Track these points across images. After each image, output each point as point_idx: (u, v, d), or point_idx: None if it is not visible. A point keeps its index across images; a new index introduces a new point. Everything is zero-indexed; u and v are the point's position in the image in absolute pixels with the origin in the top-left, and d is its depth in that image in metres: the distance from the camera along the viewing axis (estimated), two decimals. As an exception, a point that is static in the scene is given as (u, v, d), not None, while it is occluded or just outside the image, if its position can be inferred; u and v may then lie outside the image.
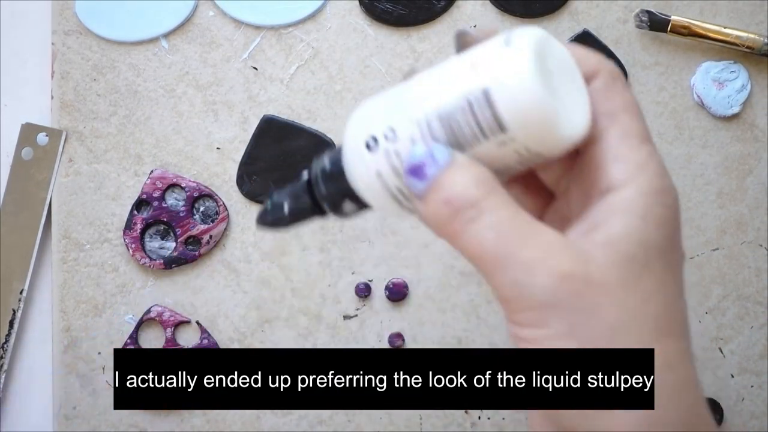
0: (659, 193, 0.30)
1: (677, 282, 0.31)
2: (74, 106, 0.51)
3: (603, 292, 0.30)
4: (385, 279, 0.50)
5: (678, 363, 0.31)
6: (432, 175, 0.31)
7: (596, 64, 0.33)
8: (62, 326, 0.50)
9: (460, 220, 0.30)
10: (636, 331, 0.30)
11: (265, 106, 0.51)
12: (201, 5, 0.51)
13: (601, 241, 0.30)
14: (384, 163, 0.32)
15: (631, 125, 0.31)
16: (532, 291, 0.29)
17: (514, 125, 0.30)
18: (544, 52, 0.30)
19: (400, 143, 0.32)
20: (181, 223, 0.50)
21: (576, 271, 0.29)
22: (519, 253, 0.30)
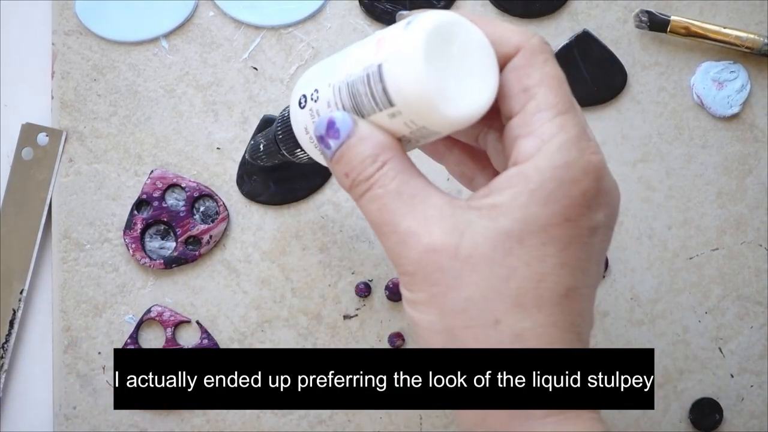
0: (558, 168, 0.31)
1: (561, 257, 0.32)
2: (74, 106, 0.51)
3: (467, 266, 0.31)
4: (385, 279, 0.50)
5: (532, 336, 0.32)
6: (334, 146, 0.34)
7: (518, 41, 0.33)
8: (62, 326, 0.50)
9: (356, 192, 0.34)
10: (491, 305, 0.32)
11: (265, 106, 0.51)
12: (201, 5, 0.51)
13: (485, 211, 0.32)
14: (309, 120, 0.36)
15: (546, 99, 0.32)
16: (404, 260, 0.32)
17: (399, 100, 0.32)
18: (446, 34, 0.32)
19: (320, 103, 0.35)
20: (181, 223, 0.50)
21: (445, 245, 0.32)
22: (398, 225, 0.32)
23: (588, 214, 0.32)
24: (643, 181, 0.51)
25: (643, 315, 0.51)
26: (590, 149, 0.32)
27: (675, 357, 0.51)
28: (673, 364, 0.51)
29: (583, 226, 0.32)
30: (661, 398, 0.51)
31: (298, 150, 0.39)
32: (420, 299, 0.33)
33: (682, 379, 0.51)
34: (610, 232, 0.34)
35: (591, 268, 0.33)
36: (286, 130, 0.39)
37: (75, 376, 0.50)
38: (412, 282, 0.33)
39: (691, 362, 0.51)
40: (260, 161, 0.45)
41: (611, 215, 0.34)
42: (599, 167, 0.32)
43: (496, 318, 0.32)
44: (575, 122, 0.32)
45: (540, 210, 0.31)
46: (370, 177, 0.33)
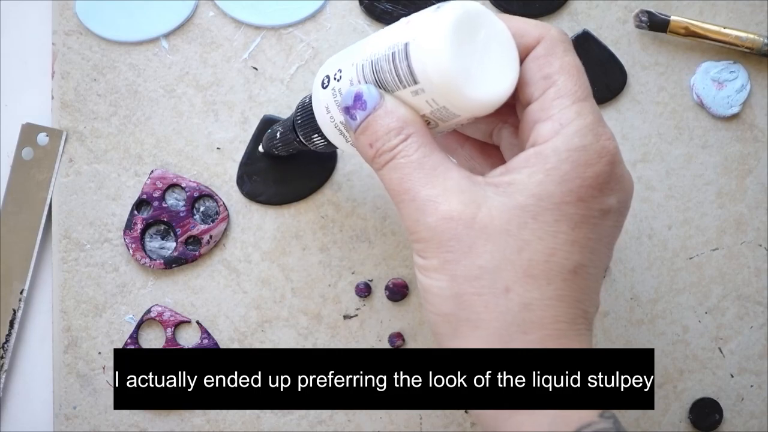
0: (574, 150, 0.33)
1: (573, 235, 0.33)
2: (74, 106, 0.51)
3: (482, 236, 0.33)
4: (385, 279, 0.50)
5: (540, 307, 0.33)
6: (360, 117, 0.35)
7: (539, 33, 0.36)
8: (62, 326, 0.50)
9: (379, 161, 0.35)
10: (503, 273, 0.33)
11: (265, 106, 0.51)
12: (201, 5, 0.51)
13: (502, 187, 0.34)
14: (331, 99, 0.38)
15: (566, 86, 0.35)
16: (420, 227, 0.34)
17: (423, 77, 0.34)
18: (473, 23, 0.34)
19: (342, 82, 0.37)
20: (181, 223, 0.50)
21: (462, 214, 0.33)
22: (417, 193, 0.34)
23: (600, 196, 0.34)
24: (643, 181, 0.51)
25: (643, 315, 0.51)
26: (605, 135, 0.34)
27: (675, 357, 0.51)
28: (673, 364, 0.51)
29: (594, 208, 0.34)
30: (661, 398, 0.51)
31: (315, 135, 0.41)
32: (432, 265, 0.34)
33: (682, 379, 0.51)
34: (622, 218, 0.36)
35: (600, 250, 0.35)
36: (306, 114, 0.41)
37: (75, 376, 0.50)
38: (426, 248, 0.34)
39: (691, 362, 0.51)
40: (275, 150, 0.46)
41: (623, 201, 0.35)
42: (613, 153, 0.34)
43: (507, 286, 0.33)
44: (592, 109, 0.34)
45: (555, 188, 0.33)
46: (393, 147, 0.35)
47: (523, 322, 0.33)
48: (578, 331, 0.34)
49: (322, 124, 0.39)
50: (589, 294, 0.35)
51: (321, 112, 0.39)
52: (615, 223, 0.35)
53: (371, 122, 0.35)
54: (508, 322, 0.33)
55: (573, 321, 0.34)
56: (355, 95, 0.35)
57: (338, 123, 0.38)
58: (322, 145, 0.42)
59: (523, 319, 0.33)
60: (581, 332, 0.34)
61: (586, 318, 0.35)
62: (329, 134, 0.39)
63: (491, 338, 0.33)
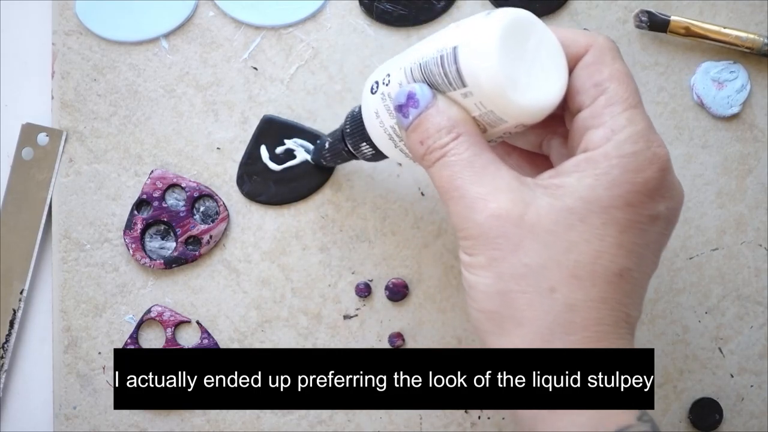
0: (625, 156, 0.34)
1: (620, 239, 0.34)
2: (74, 106, 0.51)
3: (529, 235, 0.33)
4: (385, 279, 0.50)
5: (584, 308, 0.33)
6: (413, 115, 0.36)
7: (587, 42, 0.36)
8: (62, 326, 0.50)
9: (429, 159, 0.36)
10: (549, 273, 0.33)
11: (265, 106, 0.51)
12: (201, 5, 0.51)
13: (551, 189, 0.34)
14: (380, 104, 0.38)
15: (616, 93, 0.35)
16: (469, 224, 0.34)
17: (471, 81, 0.34)
18: (522, 30, 0.35)
19: (391, 86, 0.37)
20: (181, 223, 0.50)
21: (511, 212, 0.34)
22: (467, 191, 0.34)
23: (649, 203, 0.34)
24: (643, 181, 0.51)
25: (643, 315, 0.51)
26: (657, 142, 0.35)
27: (675, 357, 0.51)
28: (673, 364, 0.51)
29: (643, 213, 0.34)
30: (661, 398, 0.51)
31: (363, 144, 0.42)
32: (479, 262, 0.34)
33: (682, 379, 0.51)
34: (671, 226, 0.36)
35: (647, 255, 0.35)
36: (355, 123, 0.42)
37: (75, 376, 0.50)
38: (474, 245, 0.34)
39: (691, 362, 0.51)
40: (324, 161, 0.47)
41: (673, 209, 0.36)
42: (664, 160, 0.35)
43: (552, 286, 0.33)
44: (643, 116, 0.35)
45: (604, 192, 0.33)
46: (445, 146, 0.35)
47: (566, 323, 0.33)
48: (620, 334, 0.34)
49: (371, 130, 0.40)
50: (633, 298, 0.35)
51: (370, 117, 0.39)
52: (663, 230, 0.35)
53: (423, 120, 0.36)
54: (551, 322, 0.33)
55: (616, 324, 0.34)
56: (408, 94, 0.36)
57: (388, 127, 0.39)
58: (370, 154, 0.42)
59: (566, 320, 0.33)
60: (623, 336, 0.34)
61: (629, 322, 0.35)
62: (378, 140, 0.40)
63: (534, 337, 0.34)
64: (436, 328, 0.50)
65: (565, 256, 0.33)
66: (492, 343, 0.35)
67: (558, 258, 0.33)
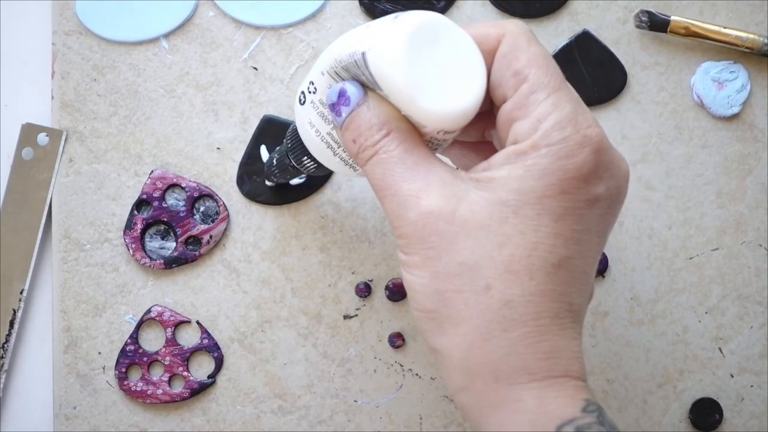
0: (553, 144, 0.33)
1: (555, 228, 0.33)
2: (74, 106, 0.51)
3: (462, 231, 0.33)
4: (385, 279, 0.50)
5: (521, 303, 0.33)
6: (345, 112, 0.35)
7: (498, 32, 0.35)
8: (62, 326, 0.50)
9: (363, 157, 0.35)
10: (483, 271, 0.33)
11: (265, 106, 0.51)
12: (201, 5, 0.51)
13: (483, 183, 0.33)
14: (312, 112, 0.38)
15: (537, 79, 0.34)
16: (402, 222, 0.34)
17: (383, 86, 0.34)
18: (431, 34, 0.34)
19: (319, 93, 0.37)
20: (181, 223, 0.50)
21: (443, 209, 0.33)
22: (399, 188, 0.34)
23: (585, 187, 0.33)
24: (643, 181, 0.51)
25: (643, 315, 0.51)
26: (586, 123, 0.33)
27: (675, 357, 0.51)
28: (673, 364, 0.51)
29: (579, 199, 0.33)
30: (661, 398, 0.51)
31: (304, 158, 0.41)
32: (414, 262, 0.34)
33: (682, 379, 0.51)
34: (615, 204, 0.35)
35: (589, 240, 0.34)
36: (294, 138, 0.41)
37: (75, 376, 0.50)
38: (408, 244, 0.34)
39: (691, 362, 0.51)
40: (274, 177, 0.47)
41: (615, 188, 0.34)
42: (596, 141, 0.33)
43: (488, 283, 0.33)
44: (568, 98, 0.33)
45: (536, 183, 0.33)
46: (376, 143, 0.35)
47: (504, 320, 0.33)
48: (562, 325, 0.34)
49: (308, 142, 0.39)
50: (576, 286, 0.34)
51: (305, 129, 0.39)
52: (606, 210, 0.34)
53: (354, 117, 0.35)
54: (489, 320, 0.33)
55: (556, 315, 0.33)
56: (339, 91, 0.35)
57: (324, 134, 0.38)
58: (313, 168, 0.42)
59: (503, 317, 0.33)
60: (565, 326, 0.34)
61: (572, 310, 0.34)
62: (317, 151, 0.39)
63: (473, 337, 0.33)
64: (436, 328, 0.50)
65: (499, 251, 0.33)
66: (433, 342, 0.34)
67: (492, 254, 0.33)
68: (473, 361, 0.33)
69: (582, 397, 0.33)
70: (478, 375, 0.33)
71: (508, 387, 0.33)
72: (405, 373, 0.50)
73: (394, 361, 0.50)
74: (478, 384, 0.33)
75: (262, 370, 0.50)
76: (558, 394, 0.33)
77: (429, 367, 0.50)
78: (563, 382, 0.33)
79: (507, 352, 0.33)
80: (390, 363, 0.50)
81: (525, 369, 0.33)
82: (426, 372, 0.50)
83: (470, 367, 0.34)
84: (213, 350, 0.50)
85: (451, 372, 0.34)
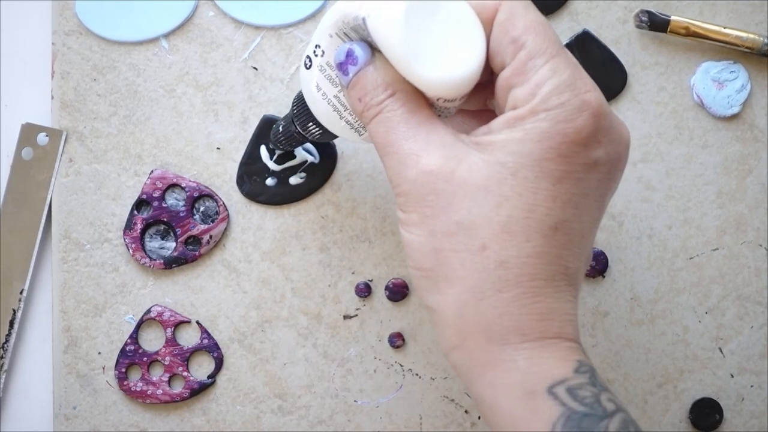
0: (552, 109, 0.33)
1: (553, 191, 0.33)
2: (74, 106, 0.51)
3: (460, 191, 0.33)
4: (385, 279, 0.50)
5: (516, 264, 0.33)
6: (352, 72, 0.36)
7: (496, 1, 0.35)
8: (62, 326, 0.50)
9: (367, 115, 0.36)
10: (480, 231, 0.33)
11: (265, 106, 0.51)
12: (201, 5, 0.51)
13: (482, 145, 0.34)
14: (319, 75, 0.38)
15: (535, 46, 0.34)
16: (401, 180, 0.34)
17: (383, 50, 0.35)
18: (432, 3, 0.34)
19: (327, 56, 0.38)
20: (181, 223, 0.50)
21: (442, 168, 0.33)
22: (400, 147, 0.34)
23: (584, 151, 0.33)
24: (643, 181, 0.51)
25: (643, 315, 0.51)
26: (584, 88, 0.34)
27: (675, 357, 0.51)
28: (673, 364, 0.51)
29: (578, 162, 0.33)
30: (661, 398, 0.51)
31: (310, 123, 0.42)
32: (412, 220, 0.34)
33: (682, 379, 0.51)
34: (615, 170, 0.35)
35: (587, 204, 0.34)
36: (299, 103, 0.42)
37: (75, 376, 0.50)
38: (407, 202, 0.34)
39: (691, 362, 0.51)
40: (280, 145, 0.47)
41: (614, 152, 0.35)
42: (594, 105, 0.34)
43: (483, 243, 0.33)
44: (566, 63, 0.34)
45: (534, 146, 0.33)
46: (381, 102, 0.35)
47: (499, 280, 0.33)
48: (557, 287, 0.34)
49: (315, 105, 0.40)
50: (572, 249, 0.34)
51: (311, 92, 0.39)
52: (605, 175, 0.34)
53: (361, 77, 0.36)
54: (483, 280, 0.33)
55: (552, 278, 0.34)
56: (347, 51, 0.36)
57: (331, 97, 0.39)
58: (318, 134, 0.43)
59: (498, 277, 0.33)
60: (560, 288, 0.34)
61: (567, 274, 0.34)
62: (323, 114, 0.40)
63: (467, 296, 0.33)
64: (436, 328, 0.50)
65: (496, 212, 0.33)
66: (428, 300, 0.35)
67: (489, 214, 0.33)
68: (466, 320, 0.34)
69: (574, 358, 0.33)
70: (470, 334, 0.34)
71: (500, 347, 0.33)
72: (405, 373, 0.50)
73: (394, 361, 0.50)
74: (470, 343, 0.34)
75: (262, 370, 0.50)
76: (550, 354, 0.33)
77: (429, 367, 0.50)
78: (556, 343, 0.33)
79: (500, 313, 0.33)
80: (390, 363, 0.50)
81: (518, 330, 0.33)
82: (426, 372, 0.50)
83: (463, 326, 0.34)
84: (213, 350, 0.50)
85: (444, 330, 0.35)
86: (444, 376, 0.50)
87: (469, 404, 0.51)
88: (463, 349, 0.34)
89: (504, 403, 0.33)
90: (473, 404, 0.50)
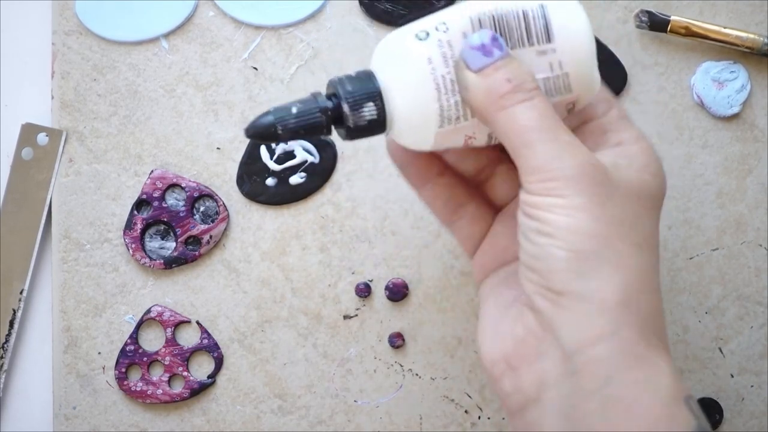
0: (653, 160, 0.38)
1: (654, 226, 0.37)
2: (74, 106, 0.51)
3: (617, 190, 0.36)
4: (385, 279, 0.50)
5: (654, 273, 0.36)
6: (498, 55, 0.36)
7: None
8: (62, 326, 0.50)
9: (514, 98, 0.35)
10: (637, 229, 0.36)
11: (265, 106, 0.51)
12: (201, 5, 0.51)
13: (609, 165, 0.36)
14: (435, 50, 0.37)
15: (622, 111, 0.39)
16: (564, 164, 0.34)
17: (560, 38, 0.36)
18: None
19: (452, 34, 0.36)
20: (181, 223, 0.50)
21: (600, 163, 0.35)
22: (558, 135, 0.35)
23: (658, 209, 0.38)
24: (643, 181, 0.51)
25: (643, 315, 0.51)
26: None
27: (675, 357, 0.51)
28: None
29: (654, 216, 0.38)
30: (661, 398, 0.51)
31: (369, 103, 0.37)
32: (574, 203, 0.34)
33: (682, 379, 0.51)
34: None
35: None
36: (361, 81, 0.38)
37: (75, 376, 0.50)
38: (567, 186, 0.34)
39: (691, 362, 0.51)
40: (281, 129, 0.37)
41: None
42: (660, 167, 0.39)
43: (639, 242, 0.35)
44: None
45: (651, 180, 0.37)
46: (533, 89, 0.35)
47: (653, 280, 0.35)
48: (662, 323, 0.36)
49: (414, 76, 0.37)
50: None
51: (417, 65, 0.36)
52: None
53: (512, 61, 0.36)
54: (647, 274, 0.35)
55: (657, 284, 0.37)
56: (492, 36, 0.36)
57: (438, 76, 0.36)
58: (368, 118, 0.37)
59: (649, 277, 0.35)
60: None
61: None
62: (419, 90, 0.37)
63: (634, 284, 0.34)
64: (436, 328, 0.50)
65: (640, 222, 0.35)
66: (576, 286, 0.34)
67: (635, 221, 0.35)
68: (629, 308, 0.34)
69: None
70: (627, 325, 0.34)
71: (649, 346, 0.34)
72: (405, 373, 0.50)
73: (394, 361, 0.50)
74: (626, 333, 0.34)
75: (262, 370, 0.50)
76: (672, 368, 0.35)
77: (429, 367, 0.50)
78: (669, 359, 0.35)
79: (655, 311, 0.35)
80: (390, 363, 0.50)
81: (662, 332, 0.35)
82: (426, 372, 0.50)
83: (623, 314, 0.34)
84: (213, 350, 0.50)
85: (593, 319, 0.34)
86: (444, 376, 0.50)
87: (470, 404, 0.51)
88: (615, 338, 0.34)
89: (648, 403, 0.33)
90: (473, 404, 0.50)
